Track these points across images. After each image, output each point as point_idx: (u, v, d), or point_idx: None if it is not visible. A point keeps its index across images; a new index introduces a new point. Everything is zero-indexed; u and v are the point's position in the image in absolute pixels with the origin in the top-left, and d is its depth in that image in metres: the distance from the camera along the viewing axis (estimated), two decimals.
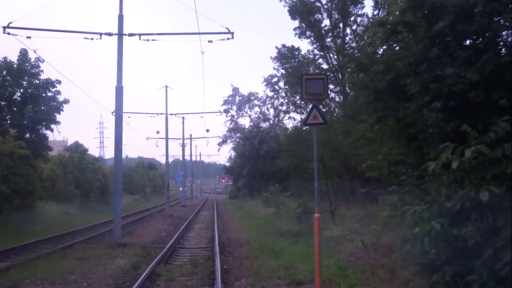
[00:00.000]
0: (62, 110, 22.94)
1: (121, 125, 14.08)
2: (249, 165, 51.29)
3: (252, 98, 49.82)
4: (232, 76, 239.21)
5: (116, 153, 14.45)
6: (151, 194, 66.58)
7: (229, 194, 64.96)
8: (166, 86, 27.65)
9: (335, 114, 26.07)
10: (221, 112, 27.34)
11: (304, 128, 17.46)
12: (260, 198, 42.91)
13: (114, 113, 28.06)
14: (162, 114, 27.78)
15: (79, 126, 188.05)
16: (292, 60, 28.40)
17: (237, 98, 49.68)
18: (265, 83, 48.84)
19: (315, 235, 8.32)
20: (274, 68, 27.71)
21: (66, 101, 22.65)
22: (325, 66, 27.10)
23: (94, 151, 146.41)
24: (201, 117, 27.41)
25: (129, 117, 27.51)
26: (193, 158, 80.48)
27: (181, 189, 57.42)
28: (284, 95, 28.69)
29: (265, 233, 16.42)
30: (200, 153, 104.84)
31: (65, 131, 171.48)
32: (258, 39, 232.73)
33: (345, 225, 13.13)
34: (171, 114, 28.02)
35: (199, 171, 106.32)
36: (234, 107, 49.81)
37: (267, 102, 49.65)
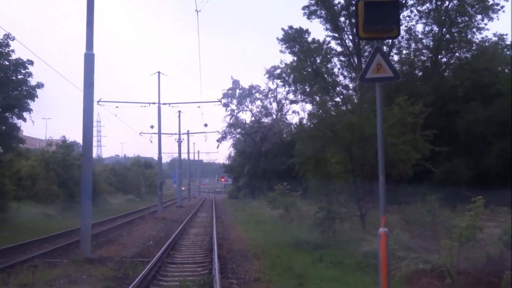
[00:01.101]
0: (37, 97, 19.64)
1: (91, 104, 10.80)
2: (250, 163, 48.04)
3: (254, 91, 46.64)
4: (231, 68, 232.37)
5: (85, 141, 11.06)
6: (146, 193, 63.28)
7: (228, 193, 61.70)
8: (159, 72, 24.52)
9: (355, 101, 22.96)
10: (220, 102, 24.23)
11: (329, 106, 14.04)
12: (263, 198, 39.68)
13: (99, 103, 24.87)
14: (154, 103, 24.71)
15: (78, 125, 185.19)
16: (300, 45, 25.17)
17: (238, 91, 46.51)
18: (267, 75, 45.78)
19: (381, 263, 5.11)
20: (281, 51, 24.62)
21: (40, 85, 19.36)
22: (339, 48, 23.95)
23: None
24: (198, 107, 24.38)
25: (117, 107, 24.29)
26: (191, 156, 77.28)
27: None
28: (292, 82, 25.37)
29: (276, 243, 13.19)
30: (198, 151, 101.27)
31: (62, 129, 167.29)
32: (260, 28, 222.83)
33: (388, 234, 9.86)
34: (165, 104, 24.96)
35: (197, 170, 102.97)
36: (234, 101, 46.65)
37: (269, 96, 46.52)
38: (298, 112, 45.46)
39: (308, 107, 41.14)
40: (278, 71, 45.26)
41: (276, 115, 46.19)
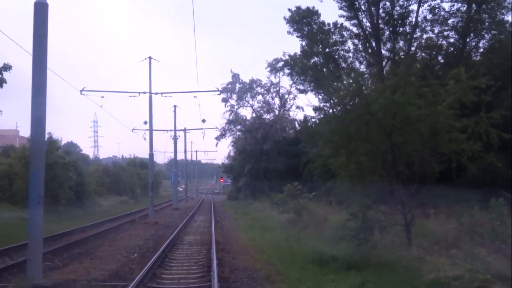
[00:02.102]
0: (5, 82, 16.63)
1: (44, 68, 7.77)
2: (251, 162, 45.11)
3: (255, 85, 43.70)
4: (230, 62, 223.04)
5: (35, 125, 7.84)
6: (142, 195, 60.26)
7: (228, 194, 58.72)
8: (150, 58, 21.62)
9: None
10: (220, 92, 21.23)
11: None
12: (266, 200, 36.76)
13: (82, 92, 21.92)
14: (145, 93, 21.74)
15: (75, 126, 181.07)
16: (309, 27, 22.23)
17: (237, 85, 43.54)
18: (269, 69, 42.98)
19: None
20: (289, 33, 21.67)
21: (7, 67, 16.37)
22: (355, 30, 21.06)
23: (88, 150, 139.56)
24: (195, 97, 21.33)
25: (103, 96, 21.34)
26: (189, 156, 74.29)
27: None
28: (300, 70, 22.43)
29: (294, 259, 10.29)
30: (196, 151, 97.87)
31: (59, 130, 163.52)
32: (261, 17, 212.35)
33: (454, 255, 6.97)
34: (157, 94, 22.03)
35: (195, 170, 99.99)
36: (234, 96, 43.66)
37: (271, 90, 43.60)
38: (302, 107, 42.57)
39: (314, 101, 38.45)
40: (281, 64, 42.63)
41: (278, 111, 43.31)
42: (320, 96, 37.83)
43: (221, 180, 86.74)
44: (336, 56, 21.11)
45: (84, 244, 15.19)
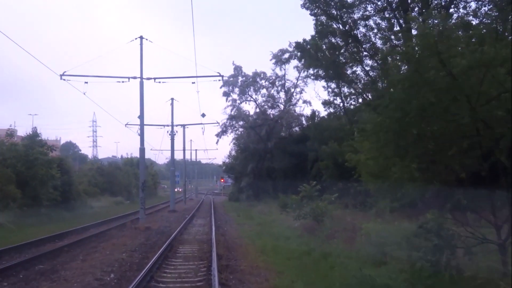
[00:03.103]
0: None
1: None
2: (254, 160, 42.10)
3: (258, 79, 40.69)
4: (232, 54, 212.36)
5: None
6: (138, 195, 57.09)
7: (229, 195, 55.66)
8: (141, 38, 18.56)
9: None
10: (221, 77, 18.25)
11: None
12: (272, 202, 33.78)
13: (62, 76, 18.93)
14: (135, 78, 18.73)
15: (73, 125, 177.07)
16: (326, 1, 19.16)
17: (240, 78, 40.54)
18: (273, 61, 40.02)
19: None
20: (303, 6, 18.38)
21: None
22: (380, 4, 18.03)
23: (87, 150, 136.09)
24: (193, 82, 18.41)
25: (86, 82, 18.32)
26: (188, 154, 71.21)
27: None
28: (315, 52, 19.38)
29: (329, 286, 7.26)
30: (196, 150, 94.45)
31: (57, 130, 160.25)
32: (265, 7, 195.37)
33: None
34: (149, 79, 18.92)
35: (195, 170, 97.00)
36: (236, 90, 40.65)
37: (276, 83, 40.56)
38: (310, 102, 39.47)
39: (323, 94, 35.35)
40: (287, 55, 39.71)
41: (284, 105, 40.25)
42: (331, 87, 34.83)
43: (222, 181, 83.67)
44: (357, 35, 18.12)
45: (52, 257, 12.19)
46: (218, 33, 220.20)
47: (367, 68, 18.93)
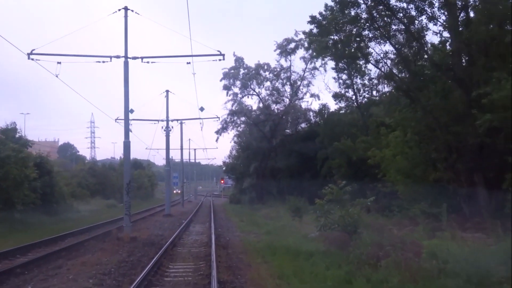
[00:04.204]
0: None
1: None
2: (257, 159, 38.81)
3: (261, 71, 37.41)
4: (232, 45, 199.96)
5: None
6: (133, 197, 53.74)
7: (230, 197, 52.32)
8: (126, 9, 15.23)
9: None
10: (222, 56, 14.87)
11: None
12: (279, 205, 30.44)
13: (30, 56, 15.68)
14: (118, 57, 15.39)
15: (70, 126, 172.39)
16: None
17: (241, 71, 37.23)
18: (278, 51, 36.75)
19: None
20: None
21: None
22: None
23: (85, 151, 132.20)
24: (188, 63, 14.94)
25: (59, 62, 15.03)
26: (186, 154, 67.80)
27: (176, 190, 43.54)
28: (334, 29, 16.09)
29: None
30: (195, 150, 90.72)
31: (55, 131, 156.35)
32: None
33: None
34: (135, 58, 15.57)
35: (194, 171, 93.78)
36: (238, 83, 37.33)
37: (281, 76, 37.25)
38: (318, 95, 36.14)
39: (334, 86, 31.83)
40: (293, 45, 36.46)
41: (289, 100, 36.93)
42: (343, 78, 31.57)
43: (222, 182, 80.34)
44: (389, 1, 14.82)
45: None
46: (217, 28, 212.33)
47: (397, 46, 15.59)
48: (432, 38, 17.58)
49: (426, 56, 14.80)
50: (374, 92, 32.00)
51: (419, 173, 16.14)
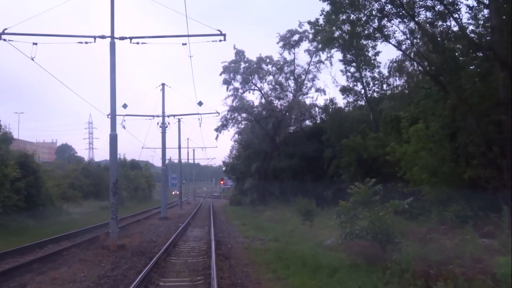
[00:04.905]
0: None
1: None
2: (259, 158, 36.76)
3: (264, 64, 35.40)
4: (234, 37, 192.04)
5: None
6: (129, 199, 51.90)
7: (230, 198, 50.21)
8: None
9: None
10: (223, 36, 12.76)
11: None
12: (284, 207, 28.38)
13: (1, 36, 13.65)
14: (103, 37, 13.26)
15: (69, 127, 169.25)
16: None
17: (242, 65, 35.19)
18: (281, 44, 34.75)
19: None
20: None
21: None
22: None
23: (83, 152, 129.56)
24: (184, 44, 12.81)
25: (35, 43, 12.97)
26: (184, 154, 65.82)
27: (175, 191, 41.22)
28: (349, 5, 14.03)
29: None
30: (194, 149, 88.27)
31: (53, 132, 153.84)
32: None
33: None
34: (123, 38, 13.46)
35: (192, 172, 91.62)
36: (238, 77, 35.29)
37: (285, 69, 35.23)
38: (324, 90, 34.12)
39: (342, 80, 29.62)
40: (296, 37, 34.46)
41: (293, 95, 34.87)
42: (351, 71, 29.47)
43: (221, 182, 78.18)
44: None
45: None
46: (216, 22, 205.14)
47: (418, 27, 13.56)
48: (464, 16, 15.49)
49: (460, 33, 12.72)
50: (385, 86, 30.15)
51: (449, 171, 14.08)
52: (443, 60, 12.85)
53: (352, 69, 30.15)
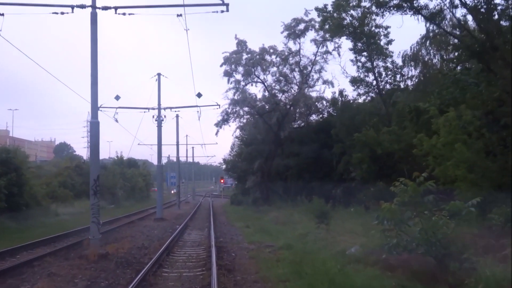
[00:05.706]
0: None
1: None
2: (262, 155, 34.54)
3: (267, 55, 33.14)
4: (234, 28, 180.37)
5: None
6: (126, 198, 49.72)
7: (231, 198, 48.02)
8: None
9: None
10: (225, 6, 10.55)
11: None
12: (290, 207, 26.17)
13: None
14: (83, 7, 10.97)
15: (68, 126, 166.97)
16: None
17: (244, 56, 32.96)
18: (286, 33, 32.50)
19: None
20: None
21: None
22: None
23: (82, 151, 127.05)
24: (179, 15, 10.49)
25: (2, 14, 10.73)
26: (183, 152, 63.51)
27: (173, 190, 38.99)
28: None
29: None
30: (192, 147, 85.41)
31: (52, 131, 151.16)
32: None
33: None
34: (106, 8, 11.03)
35: (191, 171, 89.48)
36: (240, 69, 33.01)
37: (289, 60, 32.98)
38: (332, 82, 31.86)
39: (352, 70, 27.38)
40: (302, 26, 32.22)
41: (299, 87, 32.61)
42: (361, 61, 27.30)
43: (221, 181, 75.96)
44: None
45: None
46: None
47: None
48: None
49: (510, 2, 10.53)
50: (398, 77, 27.96)
51: (493, 166, 11.88)
52: (489, 35, 10.63)
53: (363, 59, 28.01)
